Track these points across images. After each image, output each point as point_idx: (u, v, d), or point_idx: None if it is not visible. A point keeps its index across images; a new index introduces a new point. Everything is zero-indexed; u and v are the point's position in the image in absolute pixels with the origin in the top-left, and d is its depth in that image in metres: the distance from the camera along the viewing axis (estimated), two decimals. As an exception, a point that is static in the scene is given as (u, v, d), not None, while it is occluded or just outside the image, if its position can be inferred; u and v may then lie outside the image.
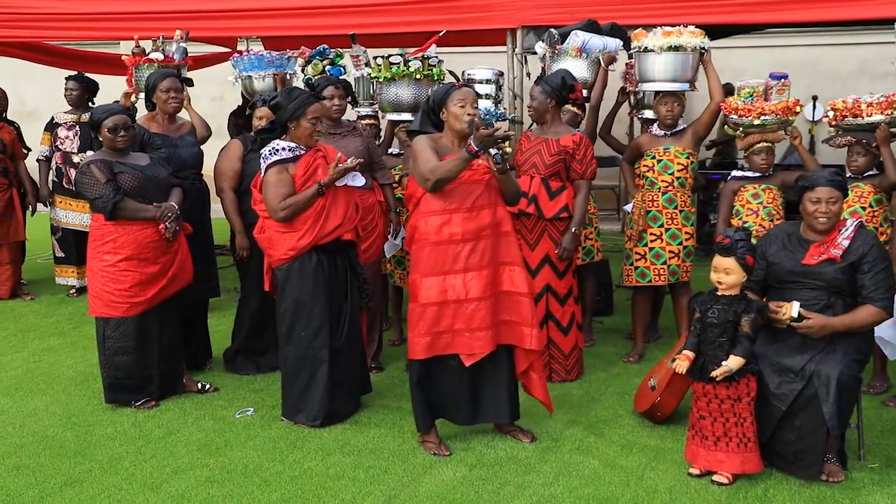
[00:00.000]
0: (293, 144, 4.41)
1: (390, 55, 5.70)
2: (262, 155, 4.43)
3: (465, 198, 4.02)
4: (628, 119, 9.11)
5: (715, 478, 3.80)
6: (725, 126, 5.52)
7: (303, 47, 6.13)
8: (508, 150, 3.94)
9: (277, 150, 4.39)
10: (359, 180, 4.51)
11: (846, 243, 3.89)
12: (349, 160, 4.39)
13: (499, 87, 6.02)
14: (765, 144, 5.25)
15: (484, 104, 5.82)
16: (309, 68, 5.94)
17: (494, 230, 4.08)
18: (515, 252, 4.14)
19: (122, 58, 6.18)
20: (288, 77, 6.07)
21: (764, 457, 3.84)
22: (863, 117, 4.94)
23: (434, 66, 5.68)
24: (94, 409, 4.80)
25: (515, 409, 4.30)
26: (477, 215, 4.03)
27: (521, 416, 4.35)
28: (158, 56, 6.07)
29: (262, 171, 4.42)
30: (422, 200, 4.09)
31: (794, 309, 3.82)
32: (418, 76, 5.63)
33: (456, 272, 4.02)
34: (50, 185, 7.52)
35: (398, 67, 5.65)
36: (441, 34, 6.26)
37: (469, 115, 4.00)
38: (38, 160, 7.54)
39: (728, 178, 5.50)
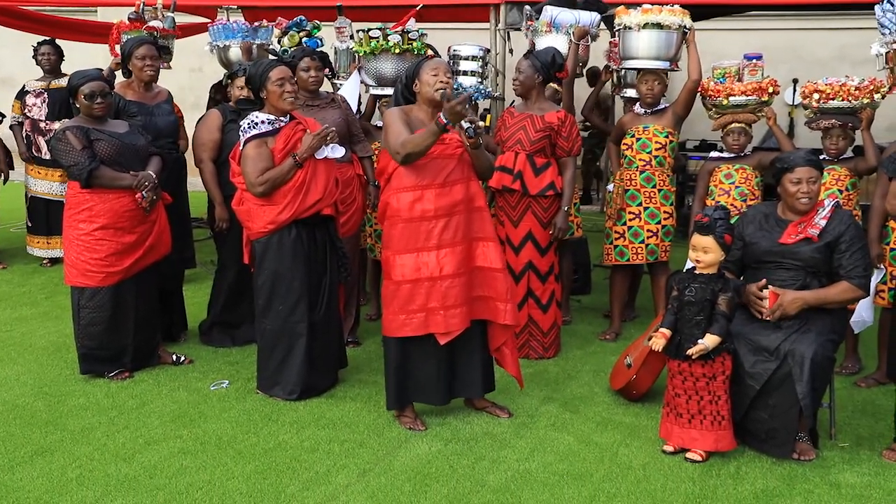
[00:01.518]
0: (272, 117, 4.36)
1: (370, 29, 5.66)
2: (242, 127, 4.37)
3: (437, 173, 3.98)
4: (610, 99, 9.11)
5: (688, 455, 3.83)
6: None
7: (279, 18, 6.06)
8: (481, 123, 3.91)
9: (257, 124, 4.34)
10: (338, 151, 4.47)
11: (823, 223, 3.90)
12: (322, 128, 4.35)
13: (485, 64, 5.98)
14: (737, 125, 5.29)
15: (469, 80, 5.80)
16: (285, 40, 5.88)
17: (468, 206, 4.04)
18: (489, 227, 4.12)
19: (116, 22, 6.04)
20: (255, 47, 6.00)
21: (737, 435, 3.87)
22: (849, 101, 4.97)
23: (414, 40, 5.63)
24: (67, 379, 4.75)
25: (488, 383, 4.30)
26: (450, 191, 3.99)
27: (496, 390, 4.36)
28: (158, 24, 5.98)
29: (241, 144, 4.37)
30: (393, 176, 4.03)
31: (763, 314, 3.87)
32: (397, 50, 5.58)
33: (429, 249, 3.99)
34: (26, 126, 7.38)
35: (377, 41, 5.60)
36: (418, 7, 6.20)
37: (442, 83, 3.96)
38: (10, 126, 7.43)
39: (706, 159, 5.54)
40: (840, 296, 3.88)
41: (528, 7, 5.71)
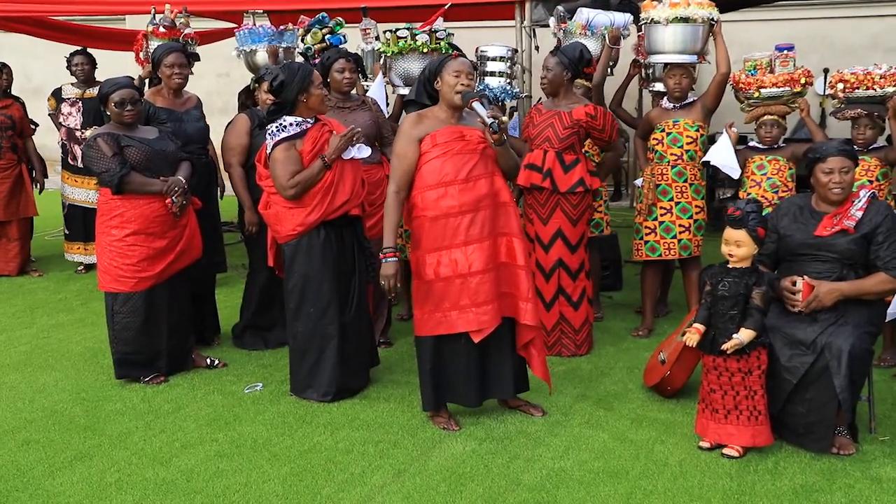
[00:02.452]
0: (299, 119, 4.38)
1: (398, 29, 5.66)
2: (269, 131, 4.39)
3: (460, 169, 3.96)
4: (637, 94, 9.05)
5: (725, 451, 3.79)
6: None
7: (302, 17, 6.08)
8: (504, 118, 3.89)
9: (285, 127, 4.35)
10: (364, 151, 4.47)
11: (859, 214, 3.85)
12: (349, 129, 4.36)
13: (512, 65, 5.97)
14: (769, 117, 5.23)
15: (496, 81, 5.79)
16: (308, 37, 5.89)
17: (493, 200, 4.02)
18: (514, 223, 4.09)
19: (149, 28, 6.09)
20: (281, 50, 6.02)
21: (774, 430, 3.83)
22: (875, 90, 4.89)
23: (442, 39, 5.63)
24: (103, 384, 4.81)
25: (521, 383, 4.28)
26: (474, 186, 3.97)
27: (529, 388, 4.34)
28: (190, 31, 6.06)
29: (269, 148, 4.39)
30: (416, 176, 4.04)
31: (796, 308, 3.82)
32: (425, 49, 5.58)
33: (457, 245, 3.98)
34: (62, 134, 7.51)
35: (405, 41, 5.61)
36: (447, 7, 6.20)
37: (463, 85, 3.95)
38: (49, 115, 7.60)
39: (741, 149, 5.49)
40: (877, 287, 3.82)
41: (560, 7, 5.66)
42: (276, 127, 4.36)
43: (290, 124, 4.35)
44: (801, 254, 3.95)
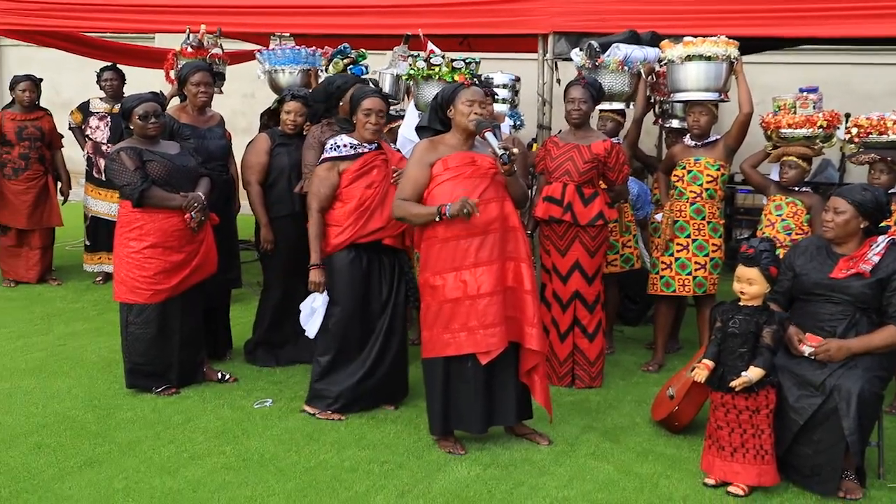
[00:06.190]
0: (356, 142, 4.49)
1: (417, 55, 5.75)
2: (327, 145, 4.55)
3: (471, 191, 4.01)
4: (657, 130, 9.09)
5: (730, 489, 3.78)
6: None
7: (326, 46, 6.18)
8: (515, 150, 3.95)
9: (338, 146, 4.48)
10: None
11: (876, 259, 3.85)
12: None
13: (515, 92, 6.04)
14: (788, 158, 5.24)
15: (500, 108, 5.87)
16: (330, 67, 5.99)
17: (502, 224, 4.06)
18: (522, 247, 4.11)
19: (179, 48, 6.20)
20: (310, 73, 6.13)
21: (781, 470, 3.81)
22: (888, 135, 4.92)
23: (459, 68, 5.69)
24: (116, 393, 4.85)
25: (524, 410, 4.28)
26: (485, 209, 4.01)
27: (535, 418, 4.35)
28: (219, 51, 6.17)
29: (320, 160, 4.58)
30: (427, 198, 4.09)
31: (806, 351, 3.84)
32: (438, 77, 5.64)
33: (466, 267, 4.02)
34: (88, 148, 7.62)
35: (418, 70, 5.69)
36: (415, 33, 6.21)
37: (476, 114, 4.01)
38: (70, 128, 7.71)
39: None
40: (886, 341, 3.81)
41: (593, 42, 5.71)
42: (331, 144, 4.51)
43: (346, 145, 4.48)
44: (815, 294, 3.96)
